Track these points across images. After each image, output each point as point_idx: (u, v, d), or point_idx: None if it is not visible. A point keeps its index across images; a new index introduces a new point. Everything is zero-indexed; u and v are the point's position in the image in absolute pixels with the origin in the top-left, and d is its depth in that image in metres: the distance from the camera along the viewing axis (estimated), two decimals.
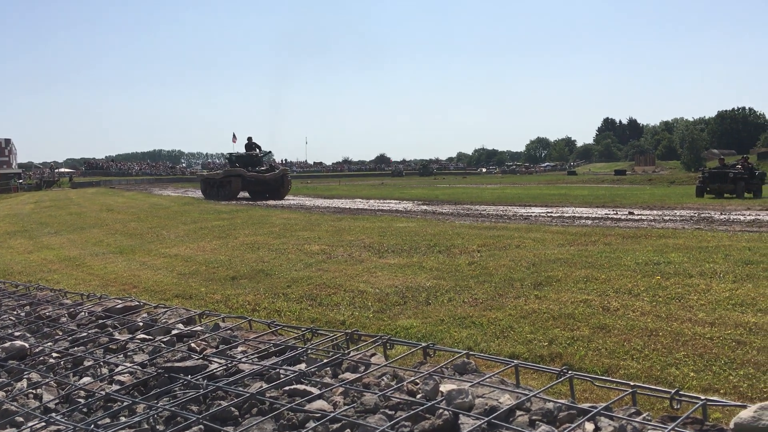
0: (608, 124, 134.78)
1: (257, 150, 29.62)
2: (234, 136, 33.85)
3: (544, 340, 5.01)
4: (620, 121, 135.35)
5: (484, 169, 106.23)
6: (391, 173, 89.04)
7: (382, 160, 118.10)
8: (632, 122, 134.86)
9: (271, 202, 24.76)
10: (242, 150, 29.91)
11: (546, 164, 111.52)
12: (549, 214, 16.10)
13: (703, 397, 0.86)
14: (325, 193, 33.25)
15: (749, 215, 14.74)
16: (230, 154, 30.47)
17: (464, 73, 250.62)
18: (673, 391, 0.91)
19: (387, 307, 6.28)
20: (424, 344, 1.30)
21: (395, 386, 1.11)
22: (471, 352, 1.25)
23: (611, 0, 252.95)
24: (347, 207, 20.78)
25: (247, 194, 28.51)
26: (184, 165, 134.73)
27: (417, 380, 1.12)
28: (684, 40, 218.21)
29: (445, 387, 1.06)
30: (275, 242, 10.75)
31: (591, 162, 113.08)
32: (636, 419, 0.84)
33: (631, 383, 0.98)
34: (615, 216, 15.27)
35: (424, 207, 20.31)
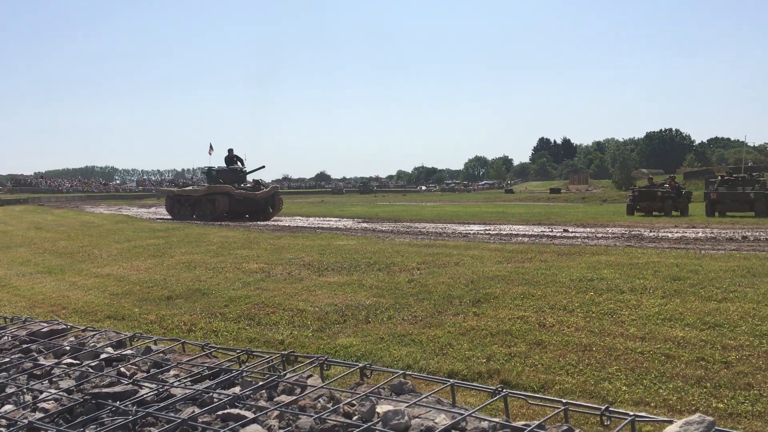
0: (543, 144, 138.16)
1: (239, 164, 25.87)
2: (210, 146, 29.35)
3: (483, 356, 5.06)
4: (555, 141, 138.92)
5: (423, 187, 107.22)
6: (332, 191, 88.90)
7: (322, 177, 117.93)
8: (566, 142, 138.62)
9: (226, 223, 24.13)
10: (217, 164, 26.16)
11: (484, 182, 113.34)
12: (487, 232, 16.34)
13: (632, 413, 0.88)
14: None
15: (676, 232, 15.31)
16: (209, 167, 26.26)
17: (404, 93, 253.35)
18: (603, 408, 0.93)
19: (326, 325, 6.23)
20: (361, 365, 1.29)
21: (331, 408, 1.10)
22: (408, 372, 1.24)
23: (545, 23, 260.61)
24: (286, 225, 20.62)
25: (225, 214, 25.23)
26: (117, 182, 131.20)
27: (354, 401, 1.11)
28: (614, 63, 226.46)
29: (382, 408, 1.05)
30: (212, 261, 10.55)
31: (527, 180, 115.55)
32: None
33: (563, 400, 1.00)
34: (550, 233, 15.62)
35: (365, 225, 20.33)
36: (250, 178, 26.60)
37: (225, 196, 23.75)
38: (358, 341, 5.64)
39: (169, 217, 25.87)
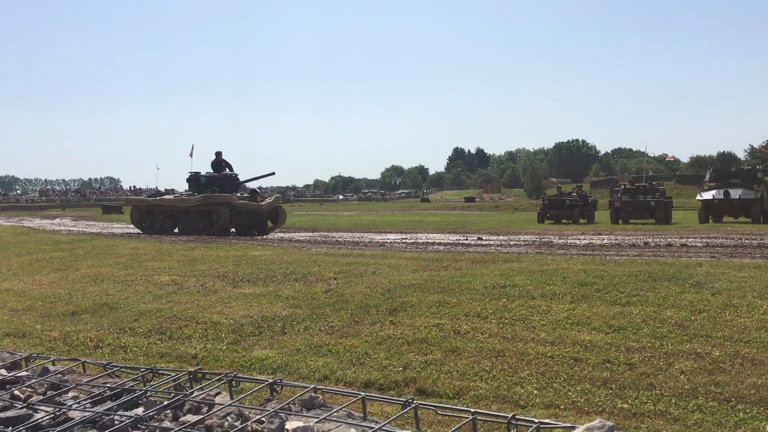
0: (458, 154, 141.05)
1: (228, 170, 21.78)
2: (192, 148, 25.09)
3: (399, 365, 5.09)
4: (469, 151, 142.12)
5: (341, 196, 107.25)
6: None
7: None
8: (480, 152, 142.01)
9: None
10: (197, 169, 21.74)
11: (400, 191, 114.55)
12: (404, 240, 16.49)
13: (537, 420, 0.90)
14: None
15: (584, 239, 15.91)
16: (195, 173, 21.72)
17: (322, 101, 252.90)
18: (509, 416, 0.95)
19: (242, 338, 6.11)
20: (270, 380, 1.27)
21: (239, 426, 1.07)
22: (319, 387, 1.23)
23: (457, 37, 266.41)
24: (200, 235, 20.12)
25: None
26: (19, 192, 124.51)
27: (263, 419, 1.08)
28: (524, 75, 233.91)
29: (292, 424, 1.03)
30: (121, 273, 10.17)
31: (443, 189, 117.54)
32: None
33: (472, 410, 1.01)
34: (465, 241, 15.92)
35: (281, 234, 20.12)
36: (246, 185, 22.35)
37: (226, 207, 19.69)
38: (274, 353, 5.56)
39: (137, 230, 21.65)
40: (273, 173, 22.31)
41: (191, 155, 25.21)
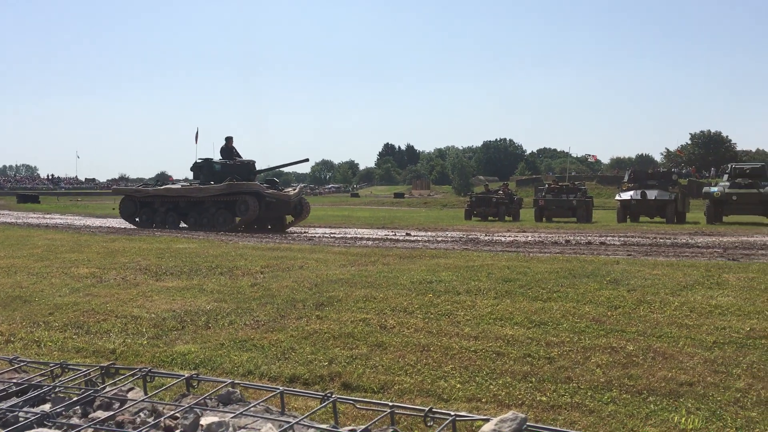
0: (388, 150, 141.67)
1: (239, 157, 19.60)
2: (197, 132, 22.49)
3: (325, 359, 5.07)
4: (399, 147, 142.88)
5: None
6: None
7: (163, 177, 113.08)
8: (410, 148, 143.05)
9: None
10: (207, 156, 19.61)
11: (330, 186, 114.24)
12: (332, 235, 16.46)
13: (453, 413, 0.91)
14: (98, 212, 30.92)
15: (509, 236, 16.28)
16: (205, 159, 19.36)
17: (251, 94, 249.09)
18: (426, 409, 0.96)
19: (163, 332, 5.96)
20: (186, 375, 1.24)
21: (152, 423, 1.04)
22: (236, 381, 1.21)
23: (390, 31, 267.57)
24: (122, 227, 19.52)
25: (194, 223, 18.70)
26: None
27: (177, 414, 1.06)
28: (454, 75, 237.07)
29: (206, 420, 1.01)
30: (36, 265, 9.75)
31: (373, 185, 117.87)
32: None
33: (390, 403, 1.01)
34: (394, 237, 16.02)
35: (125, 224, 19.79)
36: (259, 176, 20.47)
37: (254, 197, 17.59)
38: (197, 348, 5.44)
39: (126, 225, 19.70)
40: (306, 159, 19.88)
41: (196, 140, 22.50)
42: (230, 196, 17.87)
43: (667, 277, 7.63)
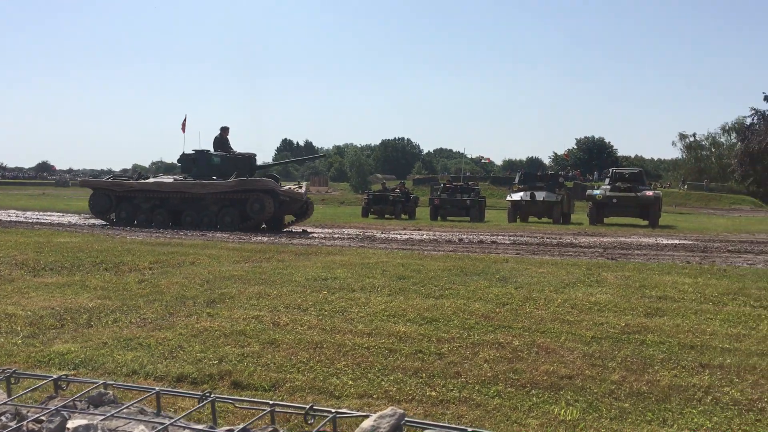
0: (287, 145, 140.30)
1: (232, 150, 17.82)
2: (185, 119, 20.03)
3: (215, 358, 4.95)
4: (297, 143, 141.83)
5: None
6: (56, 183, 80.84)
7: (44, 167, 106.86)
8: (308, 144, 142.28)
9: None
10: (195, 148, 17.43)
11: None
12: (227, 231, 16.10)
13: (333, 410, 0.91)
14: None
15: (405, 234, 16.51)
16: (202, 151, 17.48)
17: (144, 82, 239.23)
18: (307, 407, 0.95)
19: (40, 331, 5.62)
20: (55, 376, 1.17)
21: (14, 426, 0.97)
22: (109, 382, 1.15)
23: (288, 27, 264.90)
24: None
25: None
26: None
27: (42, 417, 0.99)
28: (354, 74, 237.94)
29: (74, 423, 0.95)
30: None
31: None
32: None
33: (270, 401, 1.00)
34: (290, 233, 15.88)
35: (93, 221, 18.82)
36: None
37: (269, 195, 16.10)
38: (77, 347, 5.17)
39: (98, 221, 17.82)
40: (324, 155, 16.63)
41: (184, 129, 19.96)
42: (239, 193, 16.24)
43: (552, 275, 7.98)
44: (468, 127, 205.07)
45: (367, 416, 0.88)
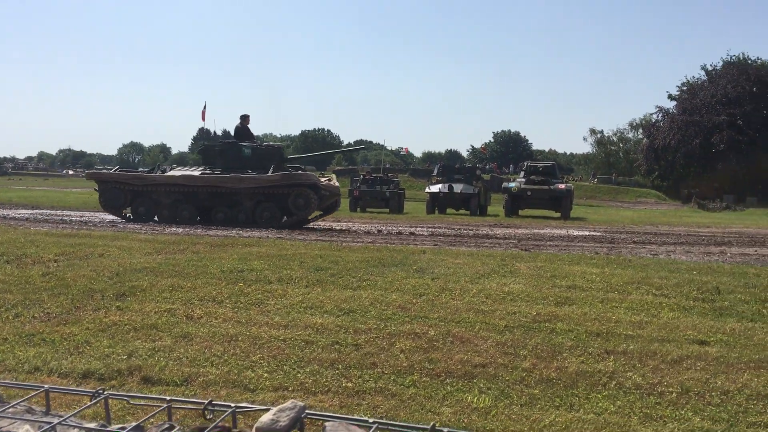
0: (204, 134, 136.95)
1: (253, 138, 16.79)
2: (204, 108, 18.65)
3: (124, 353, 4.78)
4: (215, 132, 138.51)
5: (70, 171, 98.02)
6: None
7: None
8: (226, 133, 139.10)
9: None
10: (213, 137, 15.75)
11: (140, 170, 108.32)
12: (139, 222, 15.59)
13: (233, 405, 0.88)
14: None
15: (324, 225, 16.45)
16: (231, 141, 16.33)
17: (47, 64, 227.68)
18: (206, 402, 0.92)
19: None
20: None
21: None
22: None
23: (199, 15, 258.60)
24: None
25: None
26: None
27: None
28: (271, 59, 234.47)
29: None
30: None
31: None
32: None
33: (167, 398, 0.96)
34: (205, 225, 15.53)
35: (6, 211, 17.83)
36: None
37: (312, 190, 15.16)
38: None
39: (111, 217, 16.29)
40: (364, 147, 15.26)
41: (204, 117, 18.55)
42: (280, 188, 15.15)
43: (468, 266, 8.13)
44: (388, 119, 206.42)
45: (267, 409, 0.86)
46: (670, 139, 60.86)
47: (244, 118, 16.67)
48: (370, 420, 0.96)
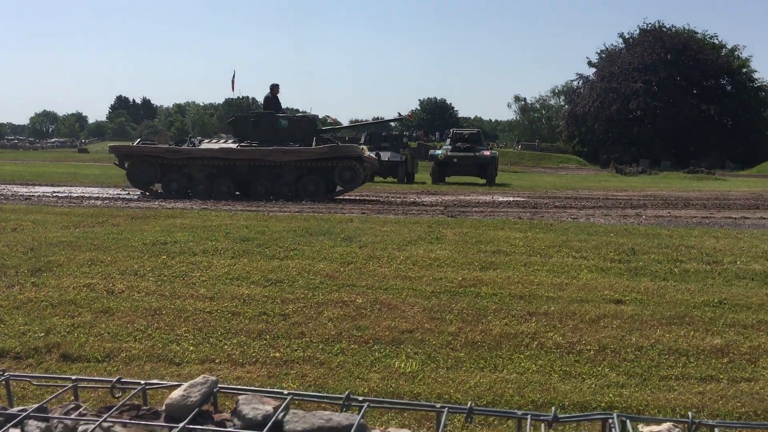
0: (122, 102, 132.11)
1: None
2: (234, 77, 17.65)
3: (41, 330, 4.61)
4: (134, 100, 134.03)
5: None
6: None
7: None
8: (146, 102, 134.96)
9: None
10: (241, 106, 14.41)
11: (54, 140, 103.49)
12: (55, 194, 14.96)
13: (143, 382, 0.86)
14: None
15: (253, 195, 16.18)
16: (265, 112, 15.47)
17: None
18: (114, 380, 0.89)
19: None
20: None
21: None
22: None
23: None
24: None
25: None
26: None
27: None
28: (195, 27, 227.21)
29: None
30: None
31: (104, 140, 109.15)
32: (70, 416, 0.78)
33: (73, 377, 0.92)
34: (127, 196, 15.07)
35: None
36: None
37: (358, 162, 14.64)
38: None
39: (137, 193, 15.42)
40: (404, 117, 14.76)
41: (233, 87, 17.81)
42: (324, 161, 14.57)
43: (395, 233, 8.19)
44: (314, 86, 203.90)
45: (178, 385, 0.84)
46: (590, 105, 62.60)
47: (274, 88, 15.92)
48: (285, 391, 0.95)
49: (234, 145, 15.06)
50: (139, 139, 17.86)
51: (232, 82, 17.97)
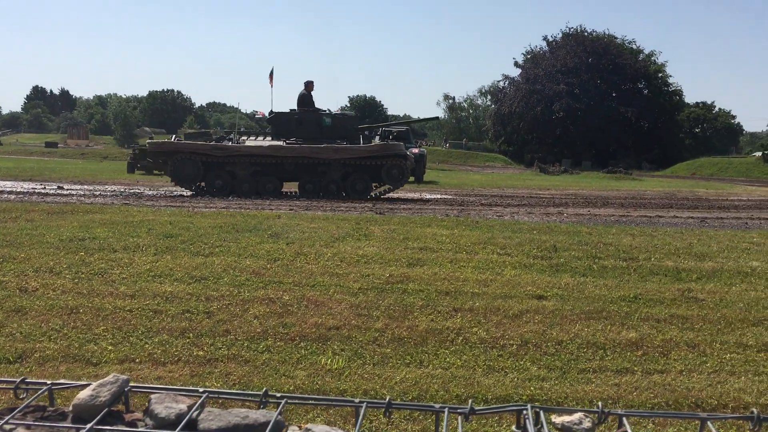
0: (38, 93, 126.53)
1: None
2: (271, 72, 17.57)
3: None
4: (51, 91, 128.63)
5: None
6: None
7: None
8: (64, 93, 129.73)
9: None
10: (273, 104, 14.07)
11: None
12: None
13: (49, 382, 0.82)
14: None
15: (177, 192, 15.82)
16: (311, 110, 15.09)
17: None
18: (18, 380, 0.85)
19: None
20: None
21: None
22: None
23: None
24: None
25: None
26: None
27: None
28: (121, 19, 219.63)
29: None
30: None
31: (19, 132, 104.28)
32: None
33: None
34: (42, 191, 14.47)
35: None
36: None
37: (405, 160, 14.69)
38: None
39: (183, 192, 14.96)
40: (437, 117, 14.37)
41: (271, 82, 17.16)
42: (371, 159, 14.43)
43: (323, 230, 8.16)
44: (241, 81, 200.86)
45: (87, 385, 0.81)
46: (515, 106, 63.98)
47: (308, 85, 15.49)
48: (200, 389, 0.93)
49: (281, 143, 14.87)
50: (174, 136, 17.43)
51: (270, 76, 17.96)
